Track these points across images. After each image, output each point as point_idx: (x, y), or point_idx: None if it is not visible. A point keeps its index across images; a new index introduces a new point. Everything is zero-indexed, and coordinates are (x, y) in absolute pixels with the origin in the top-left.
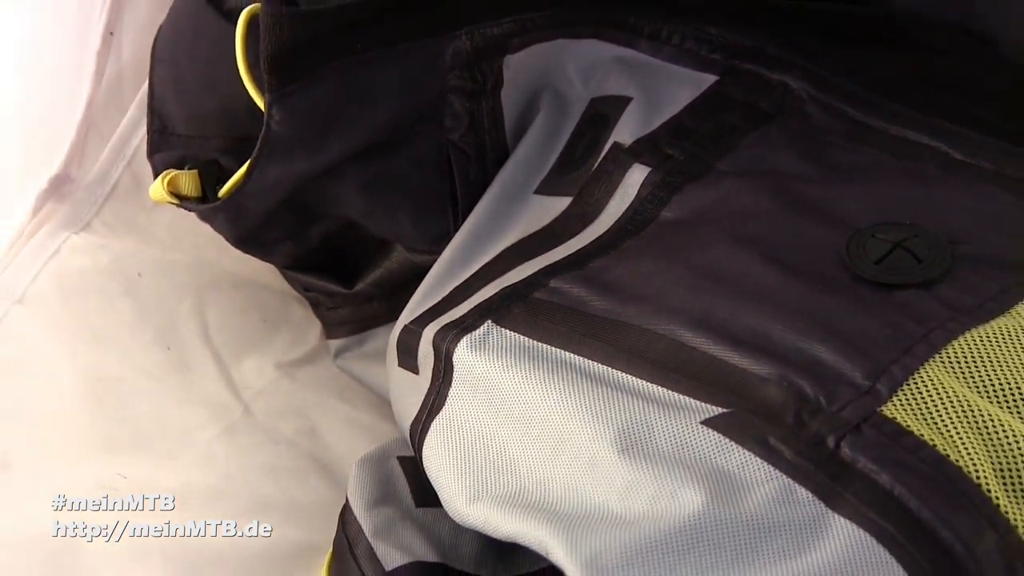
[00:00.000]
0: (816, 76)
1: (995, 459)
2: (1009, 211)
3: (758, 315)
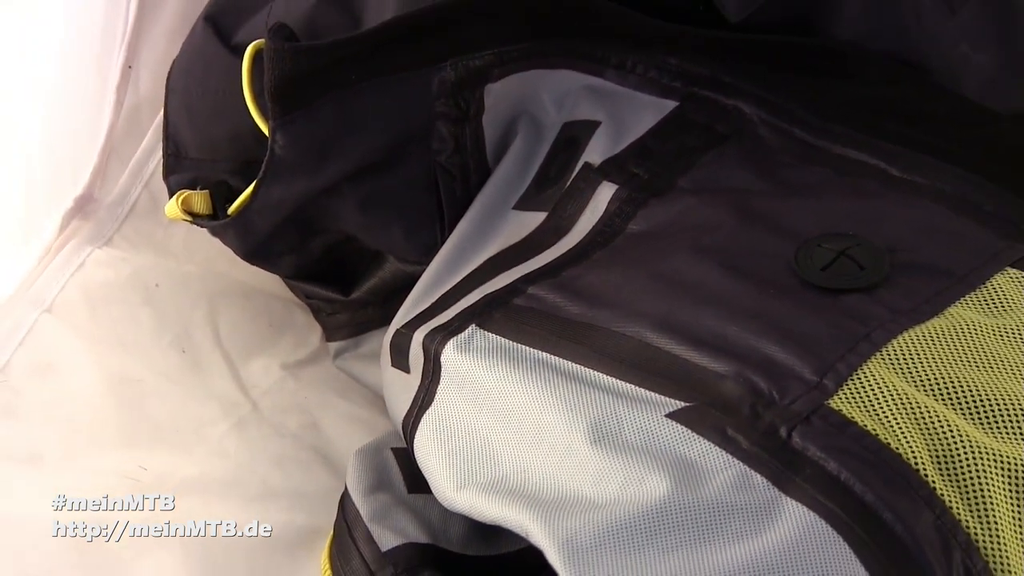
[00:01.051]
0: (767, 102)
1: (931, 447)
2: (941, 222)
3: (716, 318)
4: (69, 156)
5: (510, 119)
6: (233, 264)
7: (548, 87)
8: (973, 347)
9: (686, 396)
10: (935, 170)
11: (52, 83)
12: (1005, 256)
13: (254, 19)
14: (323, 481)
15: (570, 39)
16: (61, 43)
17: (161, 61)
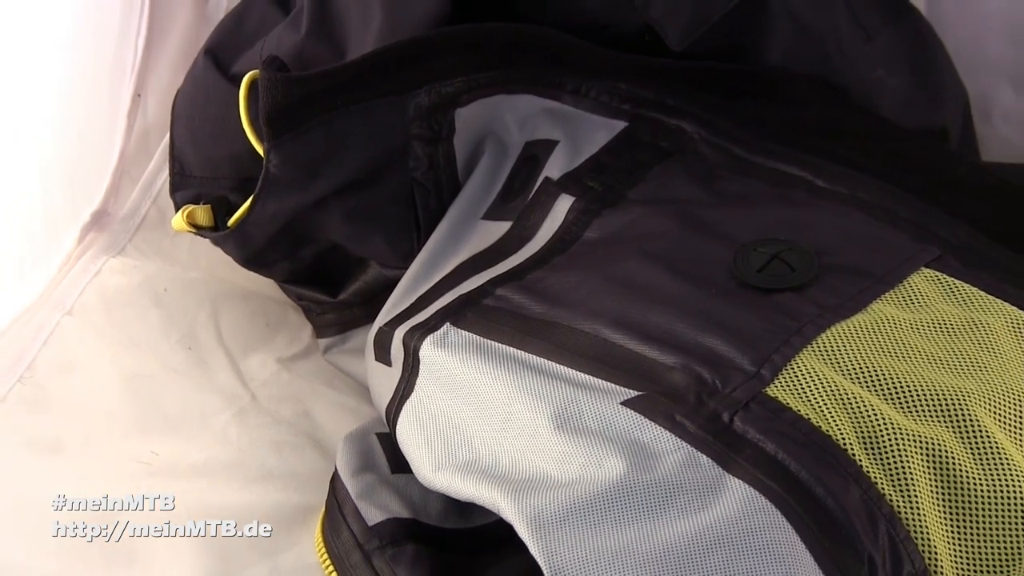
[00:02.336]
0: (706, 121)
1: (857, 429)
2: (862, 227)
3: (664, 315)
4: (85, 175)
5: (478, 139)
6: (233, 270)
7: (511, 110)
8: (893, 339)
9: (639, 386)
10: (855, 181)
11: (70, 111)
12: (919, 258)
13: (249, 52)
14: (315, 463)
15: (531, 68)
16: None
17: (167, 90)
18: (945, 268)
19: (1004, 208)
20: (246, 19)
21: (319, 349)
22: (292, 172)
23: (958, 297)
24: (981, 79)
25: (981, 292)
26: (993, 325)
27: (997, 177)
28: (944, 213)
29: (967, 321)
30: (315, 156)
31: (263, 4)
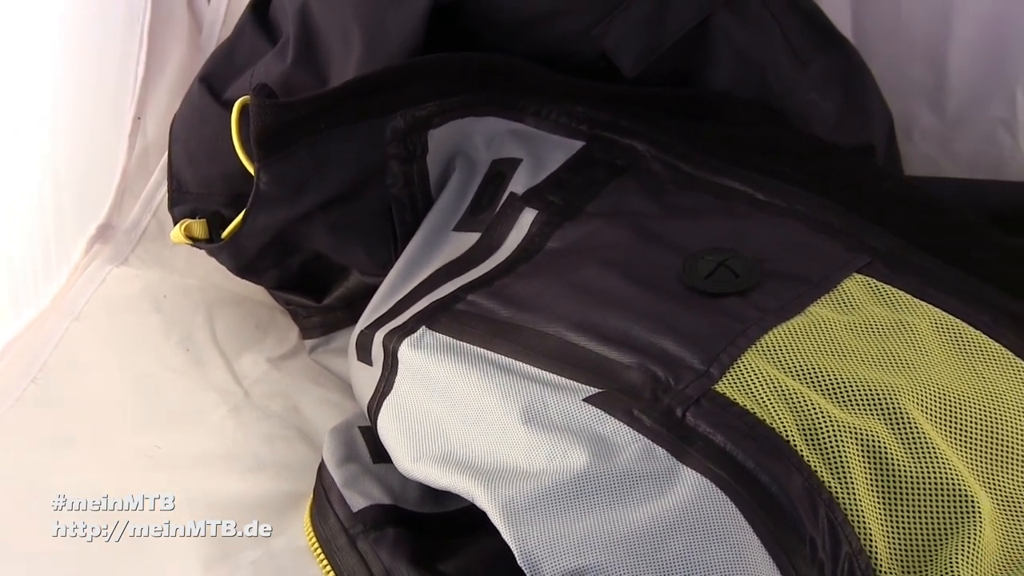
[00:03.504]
0: (657, 141)
1: (798, 422)
2: (799, 237)
3: (621, 318)
4: (91, 192)
5: (449, 157)
6: (227, 278)
7: (479, 131)
8: (829, 339)
9: (599, 384)
10: (793, 195)
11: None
12: (852, 264)
13: (240, 80)
14: (303, 454)
15: (496, 92)
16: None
17: (165, 113)
18: (875, 274)
19: (926, 218)
20: (237, 50)
21: (305, 349)
22: (280, 189)
23: (887, 300)
24: (903, 101)
25: (907, 295)
26: (919, 326)
27: (919, 190)
28: (873, 223)
29: (895, 322)
30: (301, 174)
31: (252, 36)
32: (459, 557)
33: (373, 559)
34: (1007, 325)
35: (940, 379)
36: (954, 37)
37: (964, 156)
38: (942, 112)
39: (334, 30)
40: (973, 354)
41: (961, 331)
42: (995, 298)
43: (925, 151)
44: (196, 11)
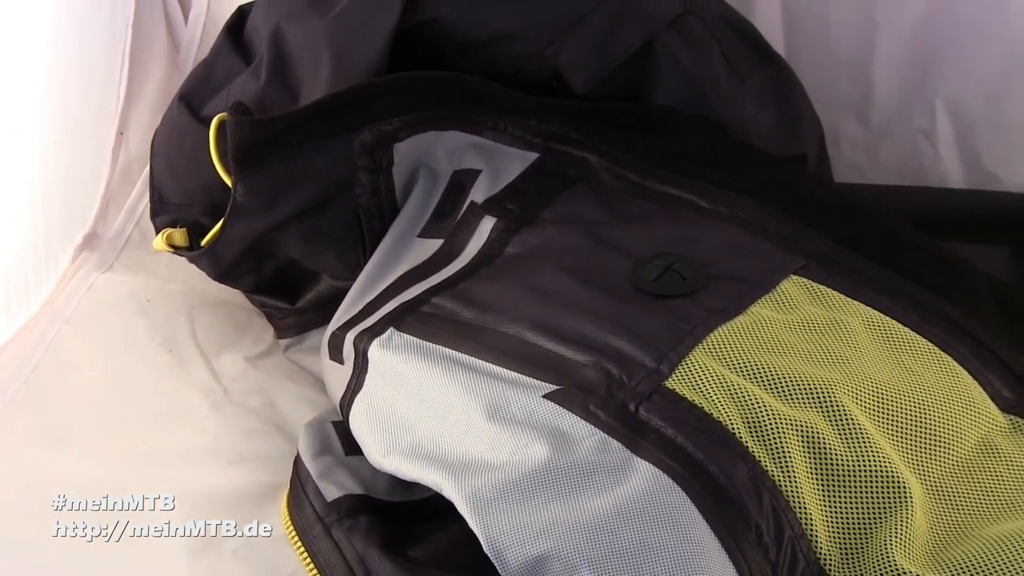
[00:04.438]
0: (607, 152)
1: (743, 415)
2: (741, 241)
3: (576, 319)
4: (78, 203)
5: (413, 169)
6: (206, 283)
7: (441, 144)
8: (770, 337)
9: (557, 381)
10: (734, 201)
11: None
12: (789, 266)
13: (217, 98)
14: (280, 447)
15: (457, 108)
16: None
17: (146, 129)
18: (810, 275)
19: (856, 223)
20: (214, 69)
21: (280, 348)
22: (256, 200)
23: (822, 300)
24: (832, 113)
25: (841, 295)
26: (852, 323)
27: (849, 196)
28: (808, 228)
29: (831, 321)
30: (276, 186)
31: (228, 57)
32: (427, 543)
33: (347, 546)
34: (933, 322)
35: (873, 373)
36: (878, 54)
37: (888, 164)
38: (868, 123)
39: (305, 52)
40: (902, 349)
41: (891, 328)
42: (922, 297)
43: (852, 159)
44: (174, 33)
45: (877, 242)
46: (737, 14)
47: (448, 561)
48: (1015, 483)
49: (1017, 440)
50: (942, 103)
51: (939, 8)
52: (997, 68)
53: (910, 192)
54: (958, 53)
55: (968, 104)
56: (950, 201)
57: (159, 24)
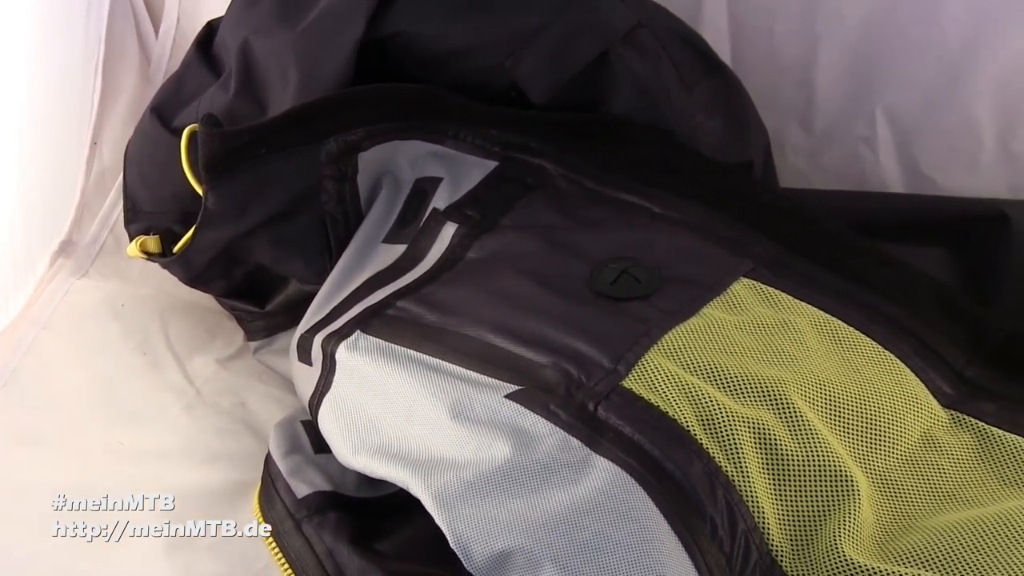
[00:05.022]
0: (563, 160)
1: (697, 413)
2: (692, 245)
3: (537, 322)
4: (54, 211)
5: (377, 177)
6: (178, 287)
7: (404, 153)
8: (722, 338)
9: (519, 381)
10: (685, 207)
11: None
12: (739, 269)
13: (187, 110)
14: (251, 446)
15: (419, 118)
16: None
17: (119, 139)
18: (759, 277)
19: (802, 227)
20: (184, 82)
21: (250, 350)
22: (226, 208)
23: (771, 301)
24: (777, 120)
25: (789, 297)
26: (800, 324)
27: (795, 201)
28: (756, 232)
29: (779, 321)
30: (245, 194)
31: (198, 70)
32: (393, 537)
33: (317, 541)
34: (877, 321)
35: (820, 372)
36: (820, 64)
37: (831, 170)
38: (811, 130)
39: (272, 65)
40: (848, 348)
41: (837, 328)
42: (866, 297)
43: (796, 165)
44: (146, 47)
45: (822, 245)
46: (686, 26)
47: (414, 554)
48: (956, 476)
49: (958, 435)
50: (882, 111)
51: (878, 20)
52: (934, 77)
53: (852, 197)
54: (897, 63)
55: (907, 112)
56: (890, 205)
57: (131, 38)
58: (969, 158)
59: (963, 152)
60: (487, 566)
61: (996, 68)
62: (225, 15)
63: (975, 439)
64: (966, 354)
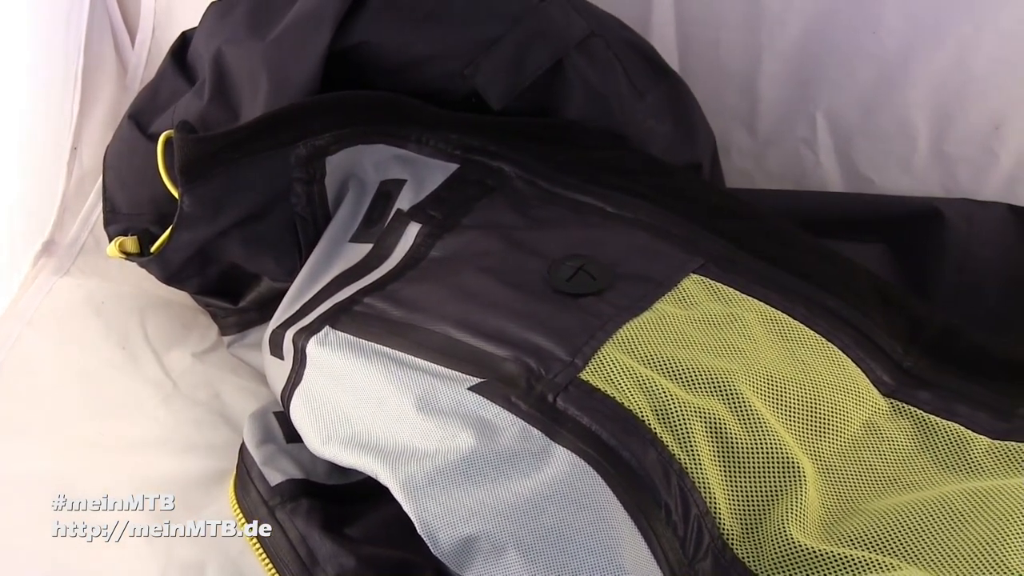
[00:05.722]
0: (521, 162)
1: (651, 404)
2: (644, 243)
3: (497, 317)
4: (36, 213)
5: (344, 180)
6: (155, 285)
7: (369, 157)
8: (674, 331)
9: (481, 374)
10: (637, 207)
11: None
12: (689, 266)
13: (163, 116)
14: (226, 436)
15: (383, 124)
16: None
17: (98, 144)
18: (708, 274)
19: (748, 225)
20: (160, 90)
21: (224, 344)
22: (201, 210)
23: (719, 296)
24: (723, 124)
25: (736, 292)
26: (747, 318)
27: (741, 200)
28: (704, 230)
29: (728, 315)
30: (219, 197)
31: (173, 78)
32: (362, 521)
33: (290, 526)
34: (820, 315)
35: (767, 363)
36: (763, 71)
37: (774, 170)
38: (755, 133)
39: (244, 73)
40: (793, 340)
41: (782, 321)
42: (809, 292)
43: (742, 167)
44: (122, 56)
45: (767, 242)
46: (637, 35)
47: (382, 538)
48: (897, 462)
49: (897, 422)
50: (822, 114)
51: (818, 29)
52: (870, 82)
53: (794, 196)
54: (835, 69)
55: (845, 116)
56: (830, 203)
57: (108, 48)
58: (904, 159)
59: (898, 153)
60: (453, 551)
61: (930, 74)
62: (198, 26)
63: (914, 426)
64: (904, 345)
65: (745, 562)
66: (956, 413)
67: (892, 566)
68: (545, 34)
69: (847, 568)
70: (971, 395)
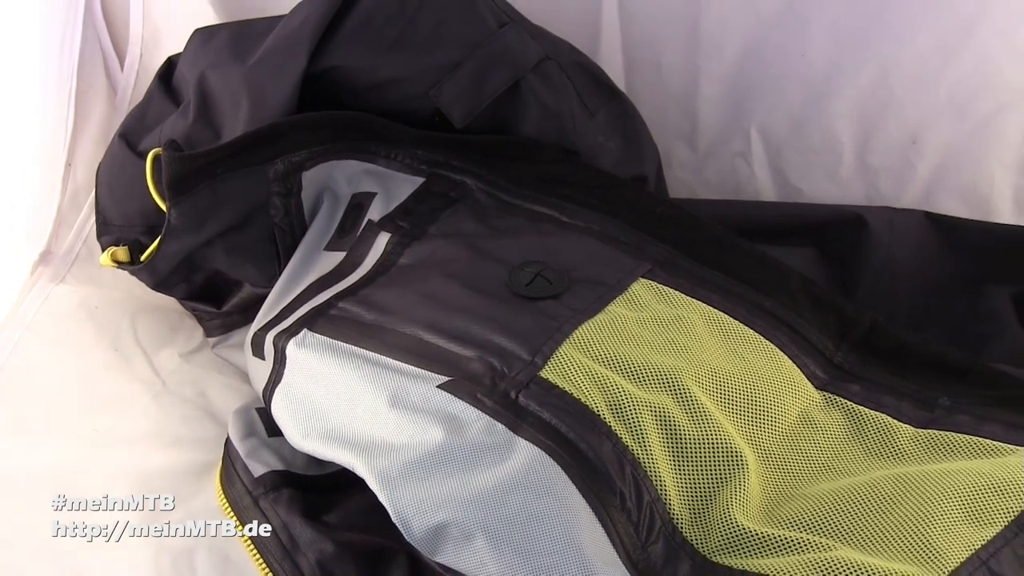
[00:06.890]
0: (482, 176)
1: (606, 399)
2: (597, 250)
3: (462, 320)
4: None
5: (318, 193)
6: (145, 291)
7: (342, 171)
8: (625, 332)
9: (448, 373)
10: (589, 216)
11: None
12: (637, 271)
13: (151, 135)
14: (212, 431)
15: (354, 141)
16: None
17: (91, 161)
18: (656, 278)
19: (691, 233)
20: (148, 111)
21: (209, 345)
22: (187, 222)
23: (666, 299)
24: (666, 139)
25: (682, 294)
26: (692, 318)
27: (683, 210)
28: (651, 237)
29: (674, 317)
30: (203, 210)
31: (160, 100)
32: (339, 509)
33: (272, 515)
34: (757, 315)
35: (711, 360)
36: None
37: (713, 182)
38: (695, 148)
39: (226, 96)
40: (734, 339)
41: (724, 321)
42: (747, 294)
43: (683, 178)
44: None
45: (709, 248)
46: (588, 59)
47: (358, 524)
48: (830, 450)
49: (830, 413)
50: (755, 130)
51: (752, 52)
52: (800, 101)
53: (731, 205)
54: (768, 89)
55: (776, 131)
56: (764, 211)
57: (99, 71)
58: (831, 170)
59: (825, 165)
60: (425, 537)
61: (854, 92)
62: (183, 51)
63: (845, 417)
64: (835, 342)
65: (694, 544)
66: (883, 404)
67: (827, 546)
68: (503, 58)
69: (786, 548)
70: (896, 387)
